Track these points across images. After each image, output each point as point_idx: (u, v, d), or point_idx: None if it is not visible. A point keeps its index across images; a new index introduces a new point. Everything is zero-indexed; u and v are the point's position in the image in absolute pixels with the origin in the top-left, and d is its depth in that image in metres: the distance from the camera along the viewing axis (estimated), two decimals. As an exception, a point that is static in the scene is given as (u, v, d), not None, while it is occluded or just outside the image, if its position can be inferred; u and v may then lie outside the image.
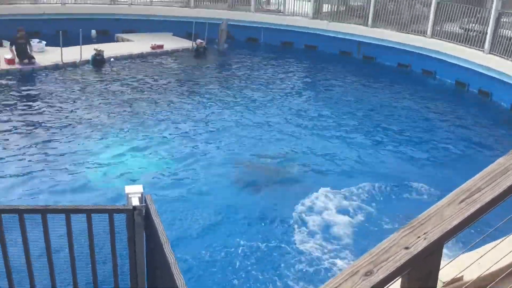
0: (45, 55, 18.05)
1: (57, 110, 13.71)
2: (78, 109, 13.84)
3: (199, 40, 20.64)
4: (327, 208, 9.26)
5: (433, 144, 12.88)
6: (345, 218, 8.95)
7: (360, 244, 8.14)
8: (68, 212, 4.05)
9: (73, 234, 4.10)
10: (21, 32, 16.71)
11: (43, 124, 12.64)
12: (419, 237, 1.61)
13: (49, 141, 11.65)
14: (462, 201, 1.69)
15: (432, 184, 10.32)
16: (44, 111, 13.60)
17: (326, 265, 7.74)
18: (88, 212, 4.09)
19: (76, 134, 12.09)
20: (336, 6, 22.03)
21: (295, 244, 8.22)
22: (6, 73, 16.27)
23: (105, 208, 4.26)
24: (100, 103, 14.40)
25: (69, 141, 11.69)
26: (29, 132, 12.12)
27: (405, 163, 11.72)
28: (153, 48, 20.33)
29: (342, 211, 9.21)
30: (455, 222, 1.63)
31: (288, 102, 15.65)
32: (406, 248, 1.58)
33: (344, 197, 9.69)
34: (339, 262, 7.78)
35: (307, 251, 8.02)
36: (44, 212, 4.03)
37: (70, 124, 12.71)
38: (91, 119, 13.13)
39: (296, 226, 8.71)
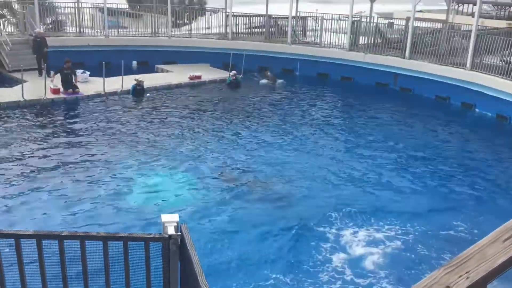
0: (89, 85, 18.74)
1: (98, 137, 14.09)
2: (117, 137, 14.19)
3: (232, 72, 20.99)
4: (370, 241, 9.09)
5: (475, 180, 12.52)
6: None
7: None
8: (105, 239, 4.12)
9: (110, 260, 4.15)
10: (68, 63, 17.48)
11: (85, 150, 13.01)
12: (461, 276, 1.56)
13: (89, 168, 11.95)
14: (506, 239, 1.63)
15: (472, 222, 10.00)
16: (86, 138, 14.01)
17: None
18: (125, 240, 4.15)
19: (115, 161, 12.36)
20: (372, 38, 22.09)
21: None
22: (52, 102, 16.96)
23: (141, 236, 4.32)
24: (138, 131, 14.73)
25: (108, 168, 11.95)
26: (70, 159, 12.47)
27: (444, 199, 11.41)
28: (191, 78, 20.79)
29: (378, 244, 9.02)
30: (499, 262, 1.57)
31: (323, 135, 15.62)
32: (448, 287, 1.53)
33: (386, 234, 9.49)
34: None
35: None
36: (82, 238, 4.12)
37: (110, 151, 13.02)
38: (130, 147, 13.43)
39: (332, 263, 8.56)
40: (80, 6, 23.43)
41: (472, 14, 26.80)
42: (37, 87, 17.19)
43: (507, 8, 37.56)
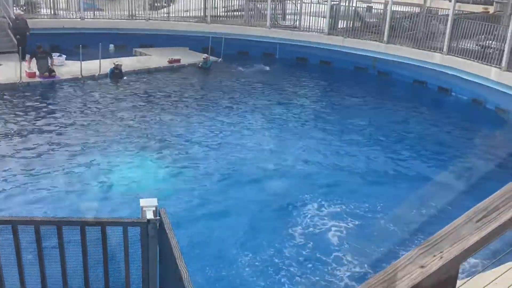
0: (65, 68, 18.37)
1: (74, 122, 13.89)
2: (95, 121, 14.01)
3: (204, 55, 20.82)
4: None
5: (450, 161, 12.76)
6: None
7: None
8: (83, 224, 4.09)
9: (90, 244, 4.13)
10: (39, 49, 17.09)
11: (60, 135, 12.83)
12: (435, 256, 1.59)
13: (67, 153, 11.79)
14: (479, 220, 1.67)
15: (447, 200, 10.21)
16: (61, 122, 13.80)
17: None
18: (103, 225, 4.12)
19: (92, 147, 12.22)
20: (351, 22, 22.11)
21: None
22: (27, 86, 16.60)
23: (119, 221, 4.29)
24: (116, 116, 14.56)
25: (85, 153, 11.81)
26: (46, 143, 12.28)
27: (416, 177, 11.61)
28: (170, 62, 20.56)
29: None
30: (472, 241, 1.61)
31: (302, 116, 15.67)
32: (422, 267, 1.56)
33: (358, 211, 9.63)
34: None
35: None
36: (59, 224, 4.07)
37: (87, 136, 12.86)
38: (107, 131, 13.28)
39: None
40: (54, -13, 22.83)
41: (450, -1, 26.98)
42: (12, 70, 16.79)
43: (483, -7, 37.93)
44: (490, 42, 17.41)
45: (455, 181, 11.58)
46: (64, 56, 19.01)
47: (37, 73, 17.10)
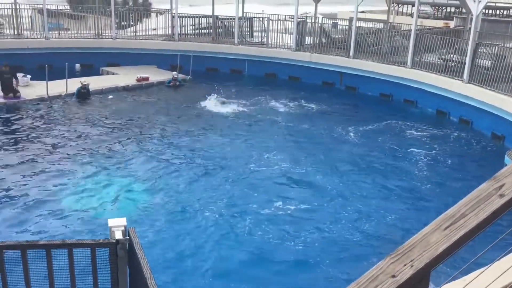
0: (30, 89, 18.00)
1: (40, 143, 13.57)
2: (61, 142, 13.71)
3: (174, 73, 20.78)
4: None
5: (414, 172, 12.97)
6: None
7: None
8: (49, 247, 3.96)
9: (56, 268, 3.99)
10: (6, 67, 16.69)
11: (25, 156, 12.49)
12: (405, 264, 1.59)
13: (29, 174, 11.48)
14: (447, 227, 1.68)
15: (412, 211, 10.37)
16: (26, 144, 13.46)
17: None
18: (70, 247, 4.00)
19: (59, 167, 11.94)
20: (318, 38, 22.48)
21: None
22: (-10, 107, 16.18)
23: (87, 243, 4.18)
24: (83, 136, 14.30)
25: (52, 175, 11.52)
26: (11, 164, 11.93)
27: (383, 192, 11.75)
28: (138, 80, 20.40)
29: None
30: (441, 249, 1.62)
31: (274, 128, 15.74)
32: (393, 276, 1.56)
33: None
34: None
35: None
36: (24, 248, 3.93)
37: (52, 157, 12.57)
38: (74, 152, 13.02)
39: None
40: (17, 7, 22.45)
41: (412, 15, 27.79)
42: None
43: (443, 8, 39.28)
44: (452, 55, 17.97)
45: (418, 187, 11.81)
46: (29, 76, 18.63)
47: (1, 94, 16.68)
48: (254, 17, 25.38)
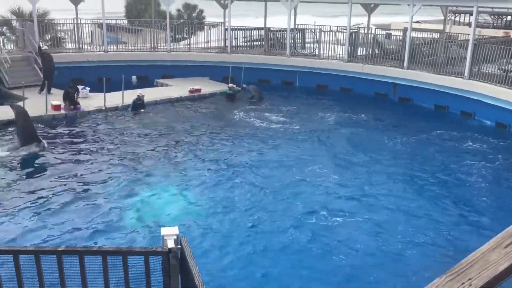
0: (89, 100, 18.79)
1: (98, 152, 14.09)
2: (117, 151, 14.17)
3: (230, 85, 21.08)
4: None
5: (472, 185, 12.48)
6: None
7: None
8: (105, 253, 4.09)
9: (110, 274, 4.12)
10: (71, 88, 17.61)
11: (85, 165, 13.00)
12: (463, 283, 1.53)
13: (88, 183, 11.92)
14: (508, 245, 1.61)
15: (471, 227, 9.95)
16: (86, 154, 14.00)
17: None
18: (125, 254, 4.12)
19: (115, 176, 12.33)
20: (370, 49, 22.21)
21: None
22: (53, 118, 17.00)
23: (141, 250, 4.28)
24: (138, 145, 14.72)
25: (108, 183, 11.92)
26: (70, 174, 12.45)
27: (442, 205, 11.36)
28: (191, 92, 20.84)
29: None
30: (501, 268, 1.55)
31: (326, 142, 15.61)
32: (450, 295, 1.50)
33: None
34: None
35: None
36: (81, 253, 4.09)
37: (111, 166, 13.00)
38: (129, 161, 13.42)
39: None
40: (79, 22, 23.58)
41: (469, 24, 26.96)
42: (38, 104, 17.22)
43: (503, 17, 37.82)
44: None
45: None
46: (88, 89, 19.46)
47: (62, 105, 17.50)
48: (306, 28, 25.40)
